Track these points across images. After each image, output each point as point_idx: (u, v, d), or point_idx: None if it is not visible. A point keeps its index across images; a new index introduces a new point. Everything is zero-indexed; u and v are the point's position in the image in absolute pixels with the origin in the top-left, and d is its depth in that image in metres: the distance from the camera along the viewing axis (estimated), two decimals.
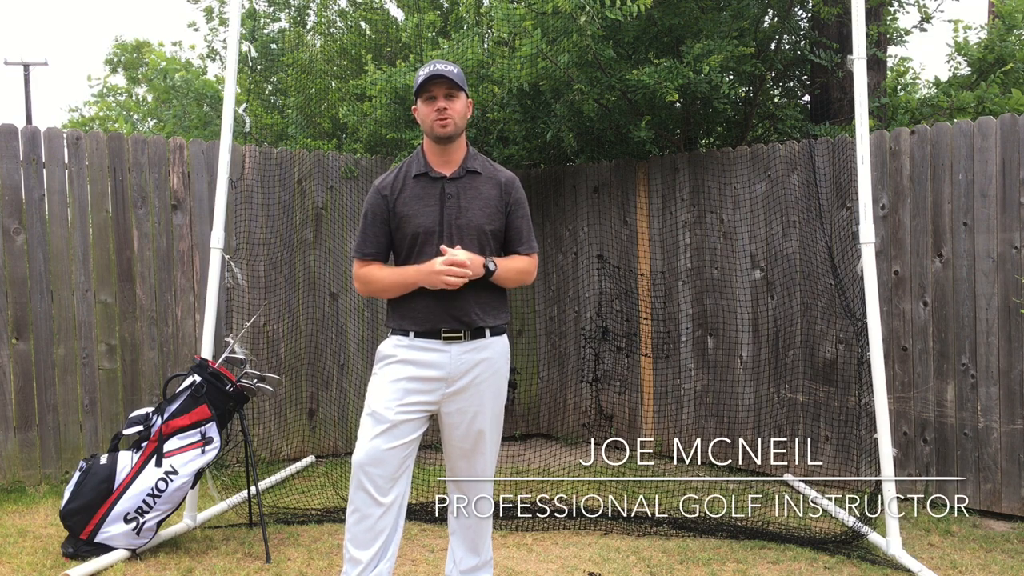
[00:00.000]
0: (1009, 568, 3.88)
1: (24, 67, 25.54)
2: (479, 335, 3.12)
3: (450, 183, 3.12)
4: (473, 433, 3.16)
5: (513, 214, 3.19)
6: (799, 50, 6.30)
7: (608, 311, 6.28)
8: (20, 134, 5.12)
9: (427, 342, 3.10)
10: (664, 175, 5.97)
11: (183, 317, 5.59)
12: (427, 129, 3.10)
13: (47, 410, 5.18)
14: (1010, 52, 6.34)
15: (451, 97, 3.07)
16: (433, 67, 3.07)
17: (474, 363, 3.12)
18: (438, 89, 3.06)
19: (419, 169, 3.14)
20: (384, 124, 6.51)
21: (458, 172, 3.13)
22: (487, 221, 3.12)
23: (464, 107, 3.12)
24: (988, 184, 4.56)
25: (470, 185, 3.13)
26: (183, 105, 10.70)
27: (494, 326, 3.16)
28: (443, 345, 3.09)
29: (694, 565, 3.98)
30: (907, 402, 4.88)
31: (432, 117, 3.06)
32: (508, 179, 3.21)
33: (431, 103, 3.07)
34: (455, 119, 3.06)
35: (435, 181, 3.12)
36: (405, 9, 8.44)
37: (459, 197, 3.11)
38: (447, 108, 3.05)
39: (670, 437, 5.96)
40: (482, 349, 3.13)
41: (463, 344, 3.10)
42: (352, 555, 3.08)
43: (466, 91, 3.13)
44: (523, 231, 3.22)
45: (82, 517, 4.04)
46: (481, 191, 3.14)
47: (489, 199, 3.14)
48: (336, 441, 6.15)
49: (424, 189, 3.12)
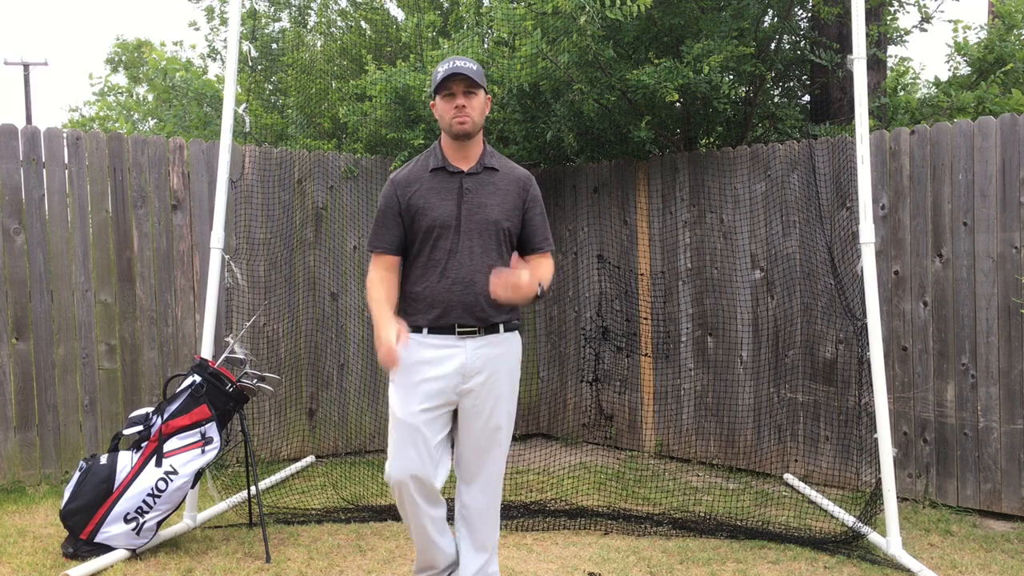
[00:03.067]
0: (1009, 568, 3.88)
1: (24, 67, 25.56)
2: (493, 330, 3.11)
3: (468, 178, 3.10)
4: (490, 429, 3.15)
5: (531, 211, 3.19)
6: (799, 50, 6.30)
7: (608, 311, 6.28)
8: (20, 134, 5.13)
9: (441, 338, 3.07)
10: (664, 175, 5.97)
11: (183, 317, 5.59)
12: (445, 126, 3.08)
13: (47, 410, 5.18)
14: (1010, 52, 6.34)
15: (470, 94, 3.04)
16: (453, 64, 3.03)
17: (489, 358, 3.10)
18: (457, 86, 3.03)
19: (436, 163, 3.12)
20: (384, 124, 6.51)
21: (476, 168, 3.12)
22: (504, 217, 3.11)
23: (483, 104, 3.10)
24: (988, 184, 4.56)
25: (488, 181, 3.12)
26: (183, 105, 10.71)
27: (507, 322, 3.14)
28: (458, 340, 3.07)
29: (694, 565, 3.98)
30: (907, 402, 4.88)
31: (451, 114, 3.04)
32: (525, 177, 3.21)
33: (450, 100, 3.04)
34: (473, 117, 3.04)
35: (453, 176, 3.11)
36: (405, 9, 8.44)
37: (477, 192, 3.09)
38: (466, 106, 3.03)
39: (670, 437, 5.96)
40: (497, 344, 3.12)
41: (477, 339, 3.08)
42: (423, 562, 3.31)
43: (485, 88, 3.10)
44: (541, 227, 3.22)
45: (82, 517, 4.04)
46: (499, 187, 3.13)
47: (507, 195, 3.13)
48: (336, 441, 6.15)
49: (441, 183, 3.10)
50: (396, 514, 4.72)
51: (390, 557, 4.10)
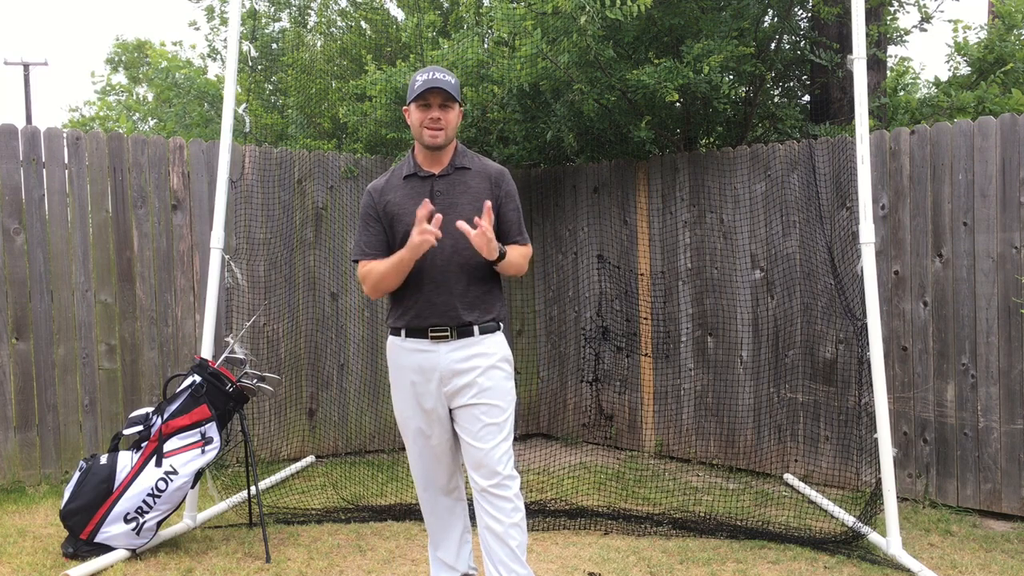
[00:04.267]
0: (1009, 568, 3.88)
1: (24, 67, 25.56)
2: (466, 333, 3.10)
3: (439, 180, 3.15)
4: (479, 426, 3.09)
5: (505, 206, 3.20)
6: (799, 50, 6.30)
7: (608, 311, 6.28)
8: (20, 134, 5.13)
9: (416, 342, 3.13)
10: (664, 175, 5.97)
11: (183, 317, 5.59)
12: (417, 135, 3.13)
13: (47, 410, 5.18)
14: (1010, 52, 6.34)
15: (446, 108, 3.09)
16: (432, 75, 3.07)
17: (465, 359, 3.09)
18: (435, 98, 3.07)
19: (409, 170, 3.18)
20: (384, 124, 6.52)
21: (446, 170, 3.16)
22: (476, 214, 3.07)
23: (457, 118, 3.15)
24: (988, 184, 4.56)
25: (459, 181, 3.15)
26: (184, 103, 10.71)
27: (483, 324, 3.13)
28: (430, 345, 3.11)
29: (694, 565, 3.98)
30: (907, 402, 4.88)
31: (424, 125, 3.08)
32: (498, 172, 3.22)
33: (425, 110, 3.09)
34: (447, 131, 3.10)
35: (424, 180, 3.15)
36: (405, 9, 8.44)
37: (448, 194, 3.13)
38: (440, 119, 3.08)
39: (670, 437, 5.97)
40: (471, 346, 3.11)
41: (450, 343, 3.09)
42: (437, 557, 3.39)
43: (461, 102, 3.16)
44: (516, 222, 3.22)
45: (82, 517, 4.04)
46: (470, 186, 3.15)
47: (479, 193, 3.14)
48: (336, 441, 6.15)
49: (413, 188, 3.15)
50: (396, 514, 4.72)
51: (390, 557, 4.10)
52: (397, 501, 4.94)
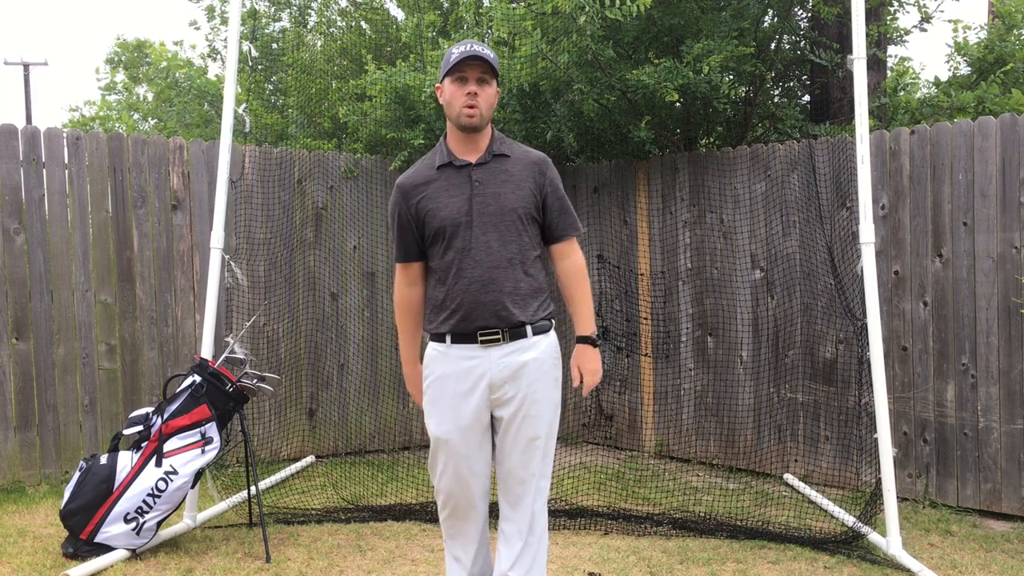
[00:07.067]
0: (1009, 568, 3.88)
1: (24, 67, 25.56)
2: (519, 335, 2.86)
3: (477, 169, 2.85)
4: (525, 440, 2.89)
5: (550, 196, 2.93)
6: (799, 50, 6.30)
7: (608, 311, 6.28)
8: (20, 134, 5.13)
9: (463, 348, 2.85)
10: (664, 175, 5.97)
11: (183, 317, 5.59)
12: (452, 115, 2.83)
13: (47, 410, 5.18)
14: (1010, 52, 6.34)
15: (483, 83, 2.82)
16: (469, 46, 2.79)
17: (519, 365, 2.86)
18: (472, 71, 2.80)
19: (443, 159, 2.88)
20: (384, 124, 6.51)
21: (484, 157, 2.86)
22: (521, 204, 2.86)
23: (494, 96, 2.87)
24: (988, 184, 4.56)
25: (499, 169, 2.86)
26: (185, 102, 10.72)
27: (535, 323, 2.90)
28: (480, 351, 2.84)
29: (694, 565, 3.98)
30: (907, 402, 4.88)
31: (461, 102, 2.79)
32: (540, 159, 2.94)
33: (461, 85, 2.80)
34: (483, 109, 2.81)
35: (461, 170, 2.86)
36: (405, 9, 8.44)
37: (488, 183, 2.84)
38: (478, 94, 2.80)
39: (670, 437, 5.96)
40: (526, 350, 2.87)
41: (502, 347, 2.84)
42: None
43: (499, 79, 2.88)
44: (564, 213, 2.97)
45: (82, 517, 4.04)
46: (512, 173, 2.87)
47: (522, 181, 2.87)
48: (336, 441, 6.15)
49: (449, 180, 2.86)
50: (396, 514, 4.72)
51: (390, 557, 4.10)
52: (397, 501, 4.94)
